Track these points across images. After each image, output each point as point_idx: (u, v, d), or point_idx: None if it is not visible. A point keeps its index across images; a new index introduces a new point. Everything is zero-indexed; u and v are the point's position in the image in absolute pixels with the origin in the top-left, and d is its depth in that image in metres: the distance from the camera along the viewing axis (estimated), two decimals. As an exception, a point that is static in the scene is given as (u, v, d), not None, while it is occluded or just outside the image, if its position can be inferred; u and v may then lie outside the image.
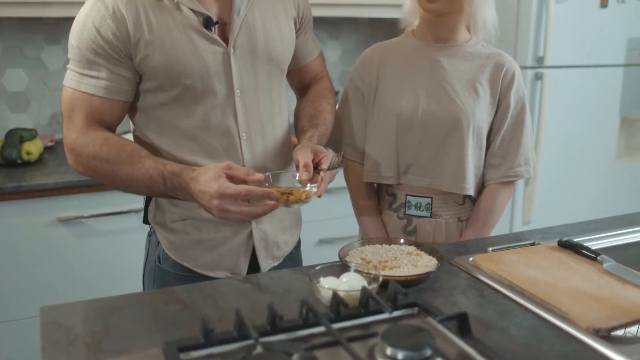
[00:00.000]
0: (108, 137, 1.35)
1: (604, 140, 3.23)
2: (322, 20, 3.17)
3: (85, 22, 1.33)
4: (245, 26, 1.42)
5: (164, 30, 1.34)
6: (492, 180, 1.61)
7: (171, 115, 1.40)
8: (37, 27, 2.69)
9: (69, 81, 1.36)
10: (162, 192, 1.32)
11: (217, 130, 1.41)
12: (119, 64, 1.34)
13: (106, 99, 1.35)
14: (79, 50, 1.34)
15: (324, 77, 1.70)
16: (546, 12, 2.90)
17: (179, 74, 1.35)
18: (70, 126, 1.36)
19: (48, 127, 2.78)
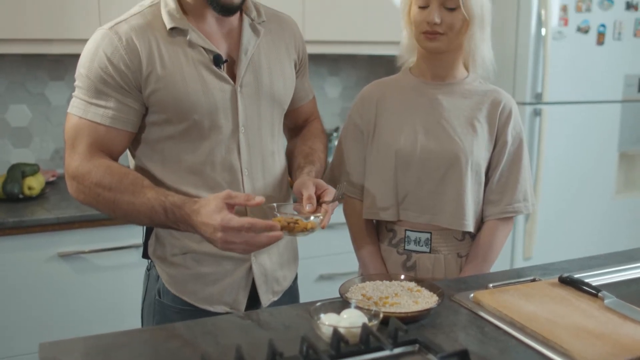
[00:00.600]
0: (111, 165, 1.35)
1: (603, 175, 3.24)
2: (323, 57, 3.22)
3: (97, 51, 1.35)
4: (252, 65, 1.45)
5: (175, 65, 1.36)
6: (491, 216, 1.62)
7: (176, 149, 1.41)
8: (41, 63, 2.73)
9: (74, 109, 1.38)
10: (163, 222, 1.32)
11: (221, 166, 1.43)
12: (128, 95, 1.36)
13: (112, 129, 1.36)
14: (88, 79, 1.35)
15: (316, 118, 1.73)
16: (543, 49, 2.95)
17: (188, 109, 1.37)
18: (73, 154, 1.37)
19: (50, 162, 2.80)
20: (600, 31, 3.07)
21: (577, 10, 2.99)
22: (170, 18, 1.38)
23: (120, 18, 1.39)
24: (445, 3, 1.50)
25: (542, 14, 2.92)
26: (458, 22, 1.52)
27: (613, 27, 3.10)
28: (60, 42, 2.40)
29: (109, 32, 1.35)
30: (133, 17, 1.39)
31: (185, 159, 1.41)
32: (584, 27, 3.03)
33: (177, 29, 1.38)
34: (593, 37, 3.06)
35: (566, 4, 2.96)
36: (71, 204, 2.32)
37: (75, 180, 1.36)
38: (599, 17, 3.05)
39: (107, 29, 1.37)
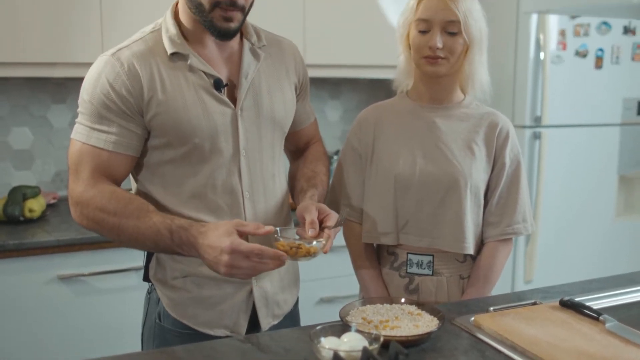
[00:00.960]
0: (115, 191, 1.36)
1: (603, 198, 3.25)
2: (324, 80, 3.24)
3: (99, 77, 1.36)
4: (252, 89, 1.47)
5: (176, 90, 1.38)
6: (490, 238, 1.62)
7: (177, 173, 1.42)
8: (44, 87, 2.75)
9: (77, 134, 1.39)
10: (167, 246, 1.32)
11: (222, 189, 1.43)
12: (130, 120, 1.37)
13: (115, 154, 1.37)
14: (91, 105, 1.37)
15: (318, 141, 1.75)
16: (542, 73, 2.97)
17: (189, 132, 1.38)
18: (76, 179, 1.38)
19: (51, 185, 2.80)
20: (599, 55, 3.10)
21: (575, 34, 3.02)
22: (171, 43, 1.40)
23: (123, 44, 1.41)
24: (446, 28, 1.52)
25: (540, 38, 2.94)
26: (459, 47, 1.53)
27: (611, 51, 3.13)
28: (63, 66, 2.42)
29: (111, 58, 1.37)
30: (135, 43, 1.41)
31: (186, 182, 1.42)
32: (582, 51, 3.05)
33: (178, 54, 1.40)
34: (591, 61, 3.09)
35: (564, 29, 2.99)
36: (71, 226, 2.32)
37: (80, 206, 1.37)
38: (597, 42, 3.08)
39: (109, 55, 1.38)
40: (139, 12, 2.44)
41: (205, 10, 1.36)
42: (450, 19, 1.50)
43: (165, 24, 1.43)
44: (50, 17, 2.35)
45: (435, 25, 1.52)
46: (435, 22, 1.52)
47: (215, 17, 1.36)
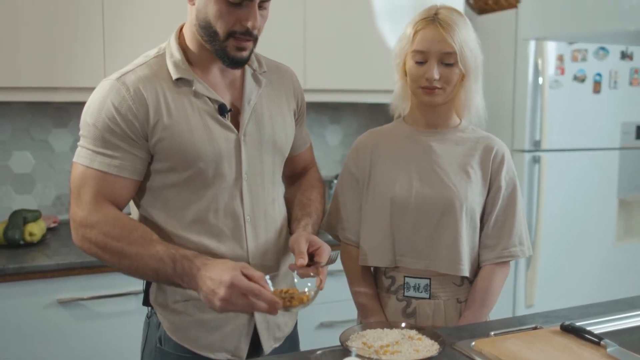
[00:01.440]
0: (120, 217, 1.36)
1: (603, 222, 3.25)
2: (324, 105, 3.26)
3: (104, 101, 1.37)
4: (254, 115, 1.48)
5: (181, 115, 1.39)
6: (487, 261, 1.62)
7: (180, 197, 1.42)
8: (45, 111, 2.76)
9: (80, 158, 1.39)
10: (168, 275, 1.32)
11: (224, 213, 1.44)
12: (134, 144, 1.37)
13: (119, 178, 1.38)
14: (95, 129, 1.37)
15: (313, 166, 1.76)
16: (541, 97, 2.99)
17: (193, 157, 1.39)
18: (79, 203, 1.38)
19: (52, 208, 2.81)
20: (597, 80, 3.13)
21: (573, 59, 3.05)
22: (176, 69, 1.41)
23: (127, 69, 1.42)
24: (443, 59, 1.54)
25: (539, 63, 2.97)
26: (455, 77, 1.55)
27: (609, 76, 3.15)
28: (65, 90, 2.43)
29: (116, 82, 1.38)
30: (139, 67, 1.41)
31: (188, 206, 1.42)
32: (581, 76, 3.08)
33: (182, 79, 1.41)
34: (589, 85, 3.11)
35: (562, 54, 3.02)
36: (72, 250, 2.32)
37: (82, 229, 1.37)
38: (595, 67, 3.11)
39: (114, 79, 1.39)
40: (142, 37, 2.47)
41: (220, 39, 1.37)
42: (447, 50, 1.53)
43: (170, 49, 1.44)
44: (52, 42, 2.37)
45: (432, 56, 1.54)
46: (431, 54, 1.54)
47: (228, 46, 1.38)
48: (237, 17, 1.35)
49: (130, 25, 2.47)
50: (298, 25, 2.75)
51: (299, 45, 2.76)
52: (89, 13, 2.41)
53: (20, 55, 2.33)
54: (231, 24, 1.36)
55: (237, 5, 1.34)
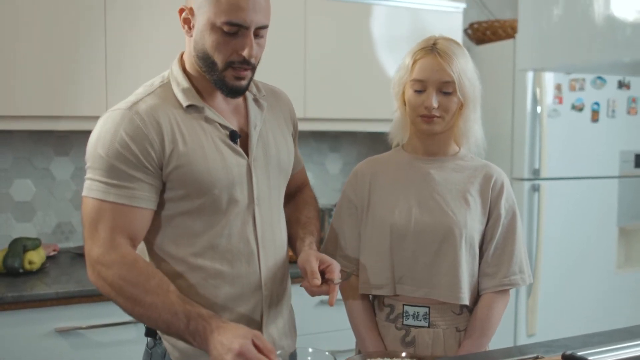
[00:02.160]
0: (137, 260, 1.33)
1: (603, 250, 3.24)
2: (324, 134, 3.28)
3: (116, 131, 1.34)
4: (261, 140, 1.50)
5: (195, 142, 1.39)
6: (487, 290, 1.62)
7: (192, 224, 1.42)
8: (47, 139, 2.78)
9: (93, 192, 1.35)
10: (180, 331, 1.28)
11: (237, 238, 1.44)
12: (149, 173, 1.36)
13: (136, 208, 1.35)
14: (107, 160, 1.34)
15: (307, 185, 1.78)
16: (540, 126, 3.01)
17: (209, 184, 1.39)
18: (94, 239, 1.34)
19: (52, 236, 2.81)
20: (594, 109, 3.15)
21: (571, 89, 3.07)
22: (185, 96, 1.41)
23: (135, 98, 1.41)
24: (441, 88, 1.55)
25: (537, 93, 2.99)
26: (453, 106, 1.57)
27: (607, 105, 3.18)
28: (66, 119, 2.45)
29: (128, 112, 1.36)
30: (148, 96, 1.41)
31: (201, 233, 1.42)
32: (579, 105, 3.10)
33: (193, 106, 1.42)
34: (587, 114, 3.14)
35: (560, 83, 3.04)
36: (71, 278, 2.31)
37: (98, 267, 1.33)
38: (593, 96, 3.13)
39: (125, 109, 1.37)
40: (144, 65, 2.49)
41: (218, 70, 1.38)
42: (445, 79, 1.54)
43: (174, 77, 1.45)
44: (54, 71, 2.40)
45: (431, 85, 1.55)
46: (430, 83, 1.55)
47: (227, 76, 1.39)
48: (234, 47, 1.37)
49: (133, 54, 2.50)
50: (298, 54, 2.78)
51: (299, 74, 2.79)
52: (91, 42, 2.44)
53: (22, 84, 2.36)
54: (228, 54, 1.37)
55: (233, 35, 1.36)
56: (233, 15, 1.34)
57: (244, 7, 1.34)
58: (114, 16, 2.46)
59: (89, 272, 1.35)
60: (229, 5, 1.34)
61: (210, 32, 1.36)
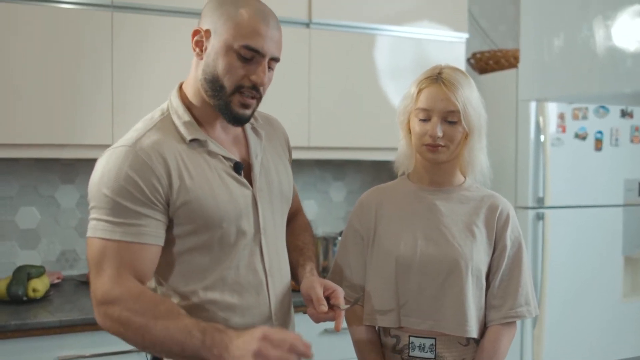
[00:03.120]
0: (144, 290, 1.31)
1: (609, 279, 3.22)
2: (328, 162, 3.29)
3: (121, 169, 1.32)
4: (263, 169, 1.51)
5: (201, 176, 1.38)
6: (494, 322, 1.61)
7: (201, 259, 1.40)
8: (53, 167, 2.79)
9: (98, 232, 1.32)
10: (195, 348, 1.24)
11: (245, 269, 1.44)
12: (156, 209, 1.34)
13: (144, 246, 1.33)
14: (113, 199, 1.32)
15: (300, 211, 1.79)
16: (543, 155, 3.01)
17: (218, 218, 1.38)
18: (99, 277, 1.31)
19: (56, 264, 2.81)
20: (598, 137, 3.16)
21: (574, 117, 3.09)
22: (188, 130, 1.41)
23: (136, 134, 1.38)
24: (446, 117, 1.56)
25: (540, 121, 3.01)
26: (458, 135, 1.57)
27: (610, 133, 3.18)
28: (72, 147, 2.47)
29: (132, 148, 1.34)
30: (150, 131, 1.39)
31: (210, 267, 1.41)
32: (582, 133, 3.11)
33: (196, 139, 1.41)
34: (591, 143, 3.14)
35: (563, 112, 3.06)
36: (75, 306, 2.31)
37: (103, 308, 1.30)
38: (596, 124, 3.15)
39: (128, 146, 1.35)
40: (150, 94, 2.51)
41: (226, 94, 1.39)
42: (450, 109, 1.55)
43: (175, 110, 1.44)
44: (61, 100, 2.42)
45: (435, 114, 1.56)
46: (435, 112, 1.56)
47: (233, 102, 1.39)
48: (246, 72, 1.38)
49: (139, 83, 2.53)
50: (302, 82, 2.81)
51: (303, 102, 2.81)
52: (98, 71, 2.47)
53: (28, 112, 2.38)
54: (239, 78, 1.38)
55: (248, 60, 1.37)
56: (252, 40, 1.36)
57: (264, 35, 1.37)
58: (121, 44, 2.49)
59: (96, 314, 1.32)
60: (250, 30, 1.36)
61: (225, 54, 1.37)
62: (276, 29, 1.41)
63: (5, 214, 2.73)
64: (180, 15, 2.56)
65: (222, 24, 1.37)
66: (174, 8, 2.55)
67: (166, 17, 2.55)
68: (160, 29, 2.54)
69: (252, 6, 1.38)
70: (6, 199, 2.73)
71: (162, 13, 2.54)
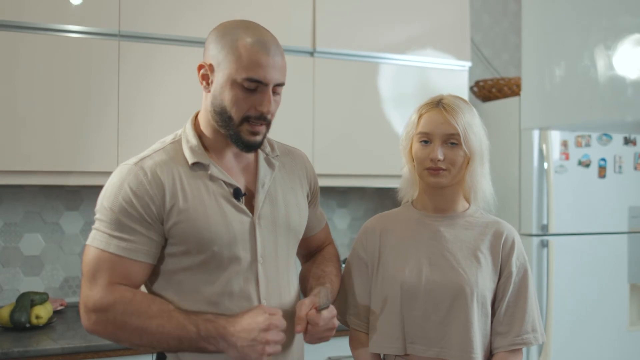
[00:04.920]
0: (136, 293, 1.38)
1: (615, 307, 3.20)
2: (332, 189, 3.30)
3: (121, 185, 1.40)
4: (269, 198, 1.52)
5: (197, 199, 1.42)
6: (500, 349, 1.60)
7: (193, 280, 1.43)
8: (58, 194, 2.81)
9: (96, 241, 1.40)
10: (192, 341, 1.34)
11: (239, 296, 1.44)
12: (150, 228, 1.40)
13: (135, 261, 1.39)
14: (112, 212, 1.39)
15: (330, 243, 1.79)
16: (547, 182, 3.01)
17: (208, 241, 1.41)
18: (93, 286, 1.38)
19: (59, 291, 2.80)
20: (601, 165, 3.16)
21: (577, 145, 3.09)
22: (192, 153, 1.45)
23: (144, 154, 1.46)
24: (447, 140, 1.57)
25: (543, 149, 3.01)
26: (460, 158, 1.58)
27: (613, 161, 3.19)
28: (77, 174, 2.48)
29: (134, 167, 1.42)
30: (156, 152, 1.46)
31: (202, 289, 1.43)
32: (585, 161, 3.12)
33: (198, 163, 1.45)
34: (594, 170, 3.14)
35: (566, 139, 3.06)
36: (77, 333, 2.30)
37: (95, 315, 1.37)
38: (599, 152, 3.15)
39: (132, 164, 1.43)
40: (155, 123, 2.54)
41: (235, 124, 1.42)
42: (450, 131, 1.56)
43: (186, 135, 1.49)
44: (65, 126, 2.44)
45: (436, 138, 1.57)
46: (435, 135, 1.57)
47: (242, 131, 1.43)
48: (252, 102, 1.41)
49: (144, 111, 2.55)
50: (307, 110, 2.83)
51: (307, 129, 2.82)
52: (104, 98, 2.49)
53: (33, 139, 2.40)
54: (246, 109, 1.41)
55: (252, 91, 1.40)
56: (253, 72, 1.39)
57: (264, 65, 1.39)
58: (127, 72, 2.52)
59: (84, 320, 1.39)
60: (250, 62, 1.39)
61: (230, 87, 1.41)
62: (278, 55, 1.43)
63: (9, 240, 2.74)
64: (185, 44, 2.59)
65: (224, 58, 1.41)
66: (180, 37, 2.59)
67: (172, 46, 2.58)
68: (165, 57, 2.57)
69: (252, 36, 1.41)
70: (11, 225, 2.74)
71: (168, 42, 2.58)
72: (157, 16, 2.56)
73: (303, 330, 1.43)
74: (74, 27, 2.46)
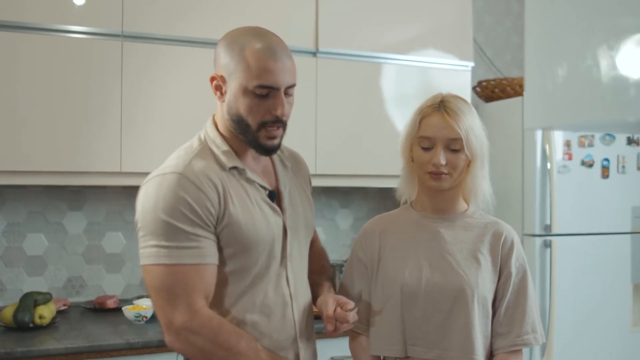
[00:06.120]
0: (222, 322, 1.40)
1: (618, 308, 3.19)
2: (334, 189, 3.30)
3: (176, 195, 1.38)
4: (290, 198, 1.57)
5: (241, 201, 1.45)
6: (500, 349, 1.59)
7: (236, 283, 1.46)
8: (61, 194, 2.81)
9: (161, 258, 1.37)
10: None
11: (274, 292, 1.49)
12: (211, 231, 1.41)
13: (208, 265, 1.40)
14: (171, 224, 1.37)
15: (317, 239, 1.83)
16: (550, 182, 3.01)
17: (255, 242, 1.44)
18: (175, 306, 1.36)
19: (63, 291, 2.81)
20: (604, 165, 3.15)
21: (580, 145, 3.09)
22: (228, 158, 1.47)
23: (182, 161, 1.44)
24: (449, 145, 1.57)
25: (546, 149, 3.01)
26: (461, 162, 1.58)
27: (616, 161, 3.18)
28: (80, 175, 2.49)
29: (182, 175, 1.40)
30: (194, 159, 1.45)
31: (243, 289, 1.47)
32: (588, 161, 3.11)
33: (235, 168, 1.48)
34: (597, 170, 3.14)
35: (569, 140, 3.06)
36: (81, 333, 2.30)
37: (184, 334, 1.37)
38: (602, 152, 3.14)
39: (178, 173, 1.41)
40: (158, 124, 2.54)
41: (252, 131, 1.45)
42: (453, 137, 1.56)
43: (212, 140, 1.50)
44: (69, 127, 2.45)
45: (438, 142, 1.57)
46: (438, 140, 1.57)
47: (260, 136, 1.46)
48: (266, 107, 1.44)
49: (147, 111, 2.55)
50: (309, 110, 2.83)
51: (310, 130, 2.83)
52: (107, 98, 2.50)
53: (37, 140, 2.40)
54: (261, 115, 1.44)
55: (265, 97, 1.43)
56: (264, 79, 1.41)
57: (273, 70, 1.42)
58: (129, 72, 2.52)
59: (172, 339, 1.38)
60: (259, 70, 1.41)
61: (243, 96, 1.43)
62: (286, 58, 1.46)
63: (13, 240, 2.75)
64: (188, 44, 2.59)
65: (234, 68, 1.43)
66: (183, 37, 2.59)
67: (175, 47, 2.58)
68: (168, 57, 2.58)
69: (259, 42, 1.43)
70: (14, 225, 2.75)
71: (171, 42, 2.58)
72: (160, 16, 2.57)
73: (334, 329, 1.48)
74: (77, 27, 2.46)
